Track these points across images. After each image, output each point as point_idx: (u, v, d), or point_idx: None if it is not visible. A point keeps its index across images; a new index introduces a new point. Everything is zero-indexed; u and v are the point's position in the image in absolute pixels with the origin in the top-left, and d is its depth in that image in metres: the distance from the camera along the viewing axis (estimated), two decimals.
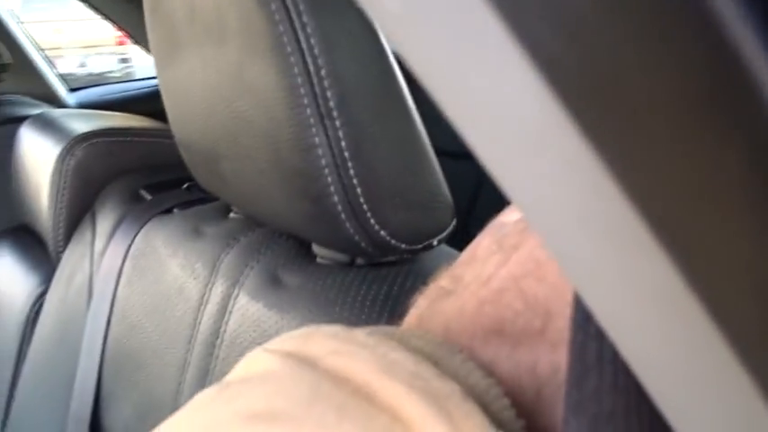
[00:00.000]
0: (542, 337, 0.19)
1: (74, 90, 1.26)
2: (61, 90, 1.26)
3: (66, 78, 1.26)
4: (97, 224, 0.61)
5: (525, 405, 0.19)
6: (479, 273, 0.22)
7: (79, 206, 0.64)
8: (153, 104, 0.65)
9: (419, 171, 0.38)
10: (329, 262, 0.43)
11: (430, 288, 0.24)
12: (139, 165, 0.67)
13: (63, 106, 1.14)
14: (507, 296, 0.20)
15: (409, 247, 0.38)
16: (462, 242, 0.28)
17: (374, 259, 0.41)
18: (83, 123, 0.68)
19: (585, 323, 0.14)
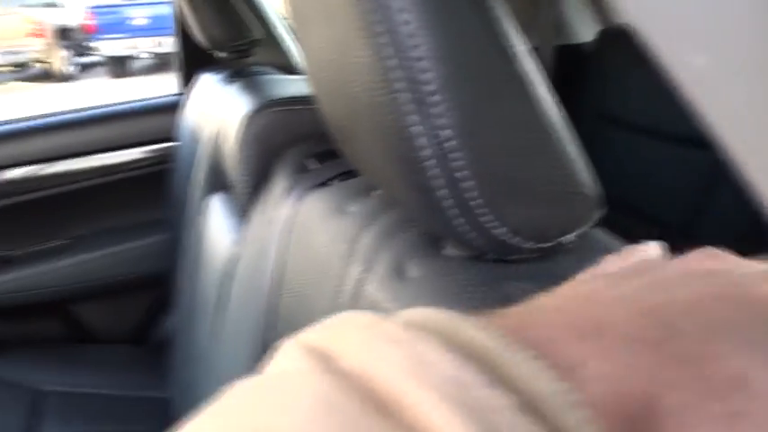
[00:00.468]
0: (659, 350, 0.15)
1: None
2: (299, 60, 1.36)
3: None
4: (271, 193, 0.64)
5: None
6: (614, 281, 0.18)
7: (259, 173, 0.68)
8: None
9: (545, 159, 0.32)
10: (456, 254, 0.39)
11: None
12: (312, 133, 0.68)
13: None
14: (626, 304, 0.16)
15: (536, 246, 0.33)
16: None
17: (500, 256, 0.36)
18: (272, 90, 0.72)
19: None
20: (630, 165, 1.42)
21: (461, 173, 0.30)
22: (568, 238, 0.33)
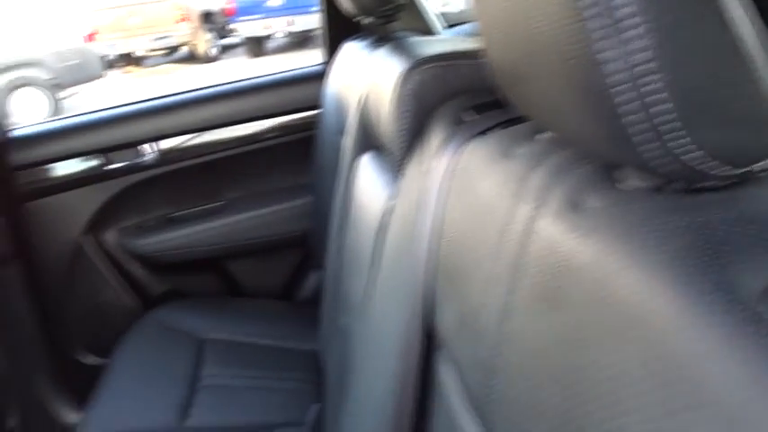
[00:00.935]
0: None
1: (450, 26, 1.37)
2: (439, 27, 1.37)
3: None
4: (427, 146, 0.66)
5: None
6: None
7: (415, 129, 0.70)
8: None
9: (743, 79, 0.31)
10: (636, 186, 0.39)
11: None
12: (468, 87, 0.69)
13: None
14: None
15: (730, 171, 0.32)
16: None
17: (686, 185, 0.35)
18: (423, 49, 0.74)
19: None
20: None
21: (657, 96, 0.30)
22: (761, 166, 0.32)
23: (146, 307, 1.67)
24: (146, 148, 1.58)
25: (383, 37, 1.15)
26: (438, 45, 0.84)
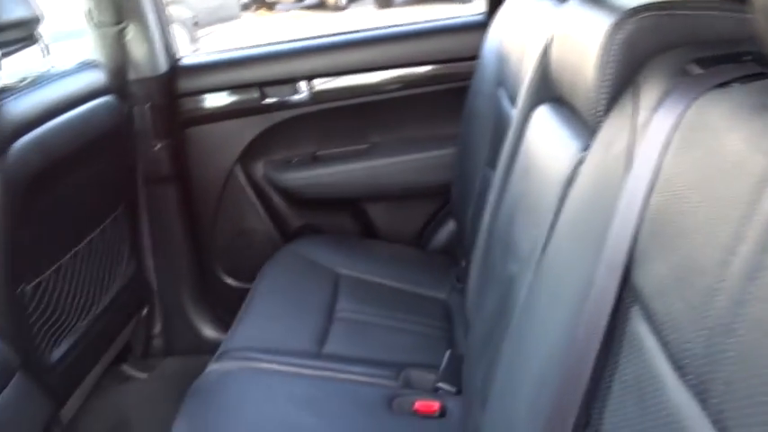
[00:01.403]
0: None
1: None
2: None
3: None
4: (641, 97, 0.63)
5: None
6: None
7: (622, 79, 0.67)
8: None
9: None
10: None
11: None
12: (686, 39, 0.65)
13: None
14: None
15: None
16: None
17: None
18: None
19: None
20: None
21: None
22: None
23: (284, 238, 1.75)
24: (301, 86, 1.63)
25: None
26: None
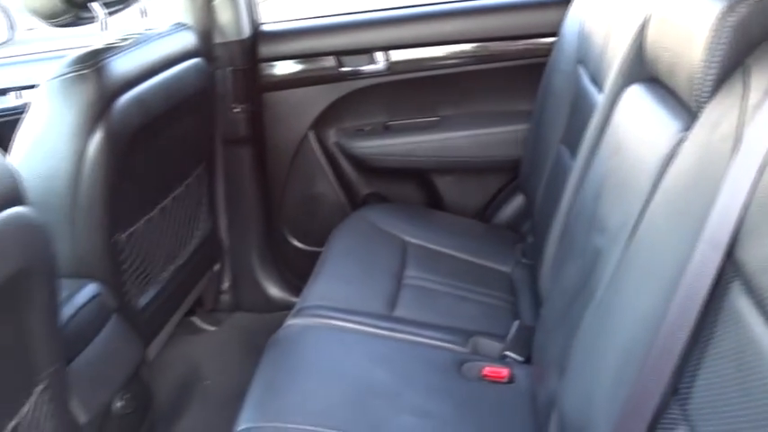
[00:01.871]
0: None
1: None
2: None
3: None
4: (752, 79, 0.64)
5: None
6: None
7: (731, 62, 0.68)
8: None
9: None
10: None
11: None
12: None
13: None
14: None
15: None
16: None
17: None
18: None
19: None
20: None
21: None
22: None
23: (351, 205, 1.79)
24: (376, 57, 1.66)
25: None
26: None
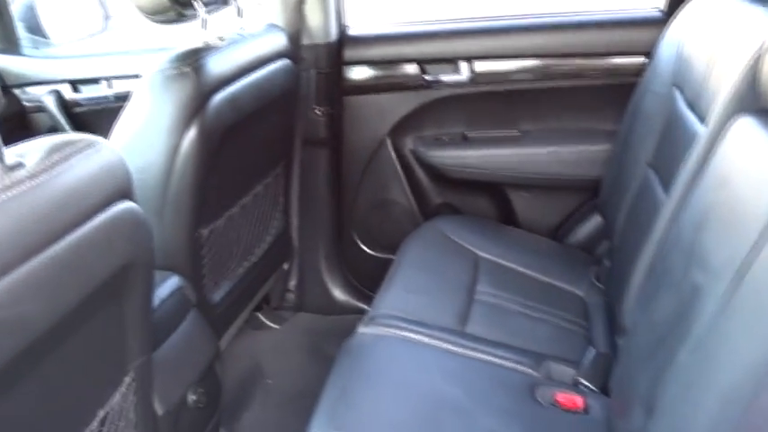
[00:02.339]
0: None
1: None
2: None
3: None
4: None
5: None
6: None
7: None
8: None
9: None
10: None
11: None
12: None
13: None
14: None
15: None
16: None
17: None
18: None
19: None
20: None
21: None
22: None
23: (422, 214, 1.79)
24: (460, 66, 1.65)
25: None
26: None
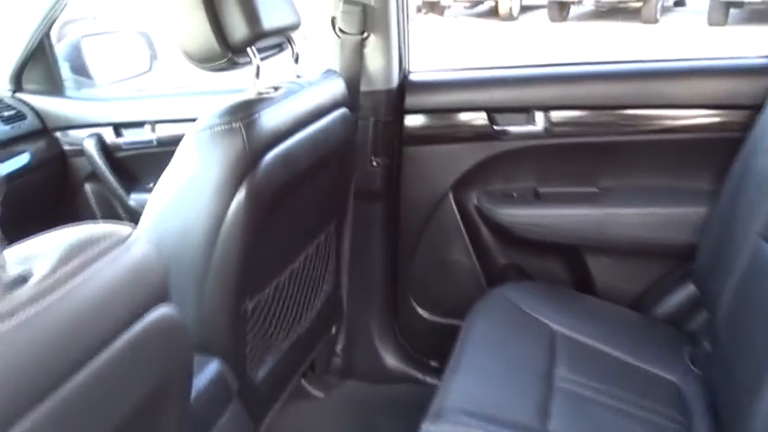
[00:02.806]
0: None
1: None
2: None
3: None
4: None
5: None
6: None
7: None
8: None
9: None
10: None
11: None
12: None
13: None
14: None
15: None
16: None
17: None
18: None
19: None
20: None
21: None
22: None
23: (486, 276, 1.62)
24: (533, 116, 1.49)
25: None
26: None
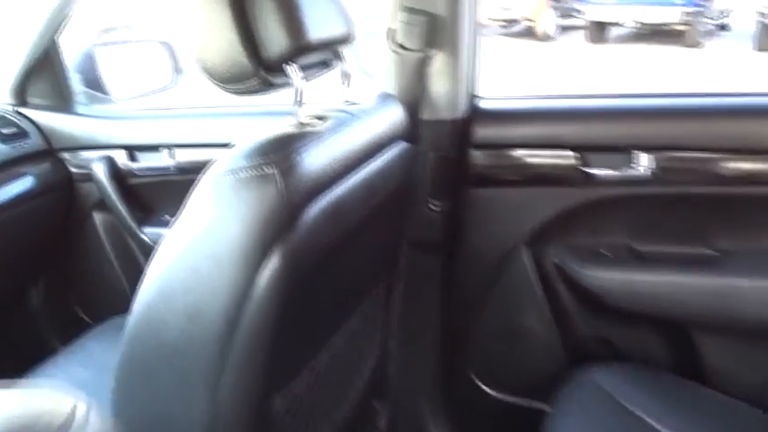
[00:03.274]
0: None
1: None
2: None
3: None
4: None
5: None
6: None
7: None
8: None
9: None
10: None
11: None
12: None
13: None
14: None
15: None
16: None
17: None
18: None
19: None
20: None
21: None
22: None
23: (565, 349, 1.32)
24: (635, 157, 1.20)
25: None
26: None
